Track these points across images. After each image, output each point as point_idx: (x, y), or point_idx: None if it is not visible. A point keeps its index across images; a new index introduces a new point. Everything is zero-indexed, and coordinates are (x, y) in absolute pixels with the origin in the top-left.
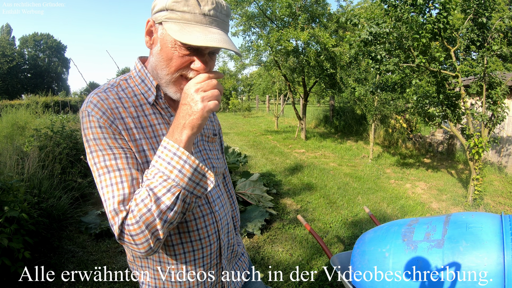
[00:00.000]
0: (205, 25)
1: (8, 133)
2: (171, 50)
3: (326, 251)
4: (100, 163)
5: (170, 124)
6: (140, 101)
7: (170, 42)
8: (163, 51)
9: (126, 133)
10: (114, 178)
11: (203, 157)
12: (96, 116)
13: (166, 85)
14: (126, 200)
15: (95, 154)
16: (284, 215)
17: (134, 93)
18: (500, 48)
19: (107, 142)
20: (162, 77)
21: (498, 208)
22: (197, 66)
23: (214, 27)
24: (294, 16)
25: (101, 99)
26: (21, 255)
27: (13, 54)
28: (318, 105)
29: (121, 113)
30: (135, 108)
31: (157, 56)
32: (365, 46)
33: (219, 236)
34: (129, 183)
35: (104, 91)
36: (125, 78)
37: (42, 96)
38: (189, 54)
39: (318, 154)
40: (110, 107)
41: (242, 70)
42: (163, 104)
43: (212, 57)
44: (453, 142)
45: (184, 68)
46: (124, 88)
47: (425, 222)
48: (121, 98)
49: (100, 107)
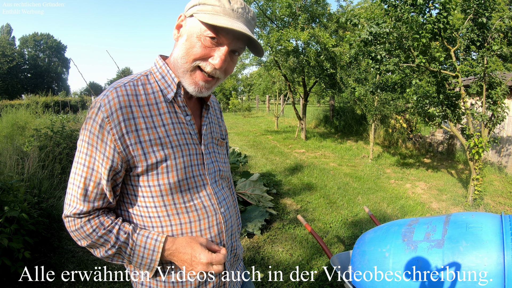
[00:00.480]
0: (233, 18)
1: (8, 133)
2: (196, 40)
3: (326, 251)
4: (82, 152)
5: (184, 123)
6: (156, 99)
7: (196, 33)
8: (188, 41)
9: (132, 135)
10: (82, 172)
11: (212, 159)
12: (104, 113)
13: (183, 75)
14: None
15: (83, 143)
16: (284, 215)
17: (152, 90)
18: (500, 48)
19: (97, 142)
20: (181, 65)
21: (498, 208)
22: (215, 61)
23: (240, 22)
24: (294, 16)
25: (118, 95)
26: (21, 255)
27: (13, 54)
28: (318, 105)
29: (134, 112)
30: (149, 106)
31: (181, 46)
32: (365, 46)
33: (222, 238)
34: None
35: (124, 85)
36: (145, 73)
37: (42, 96)
38: (212, 46)
39: (318, 154)
40: (124, 105)
41: (242, 70)
42: (181, 102)
43: (232, 58)
44: (453, 142)
45: (203, 59)
46: (144, 83)
47: (425, 222)
48: (138, 95)
49: (112, 105)
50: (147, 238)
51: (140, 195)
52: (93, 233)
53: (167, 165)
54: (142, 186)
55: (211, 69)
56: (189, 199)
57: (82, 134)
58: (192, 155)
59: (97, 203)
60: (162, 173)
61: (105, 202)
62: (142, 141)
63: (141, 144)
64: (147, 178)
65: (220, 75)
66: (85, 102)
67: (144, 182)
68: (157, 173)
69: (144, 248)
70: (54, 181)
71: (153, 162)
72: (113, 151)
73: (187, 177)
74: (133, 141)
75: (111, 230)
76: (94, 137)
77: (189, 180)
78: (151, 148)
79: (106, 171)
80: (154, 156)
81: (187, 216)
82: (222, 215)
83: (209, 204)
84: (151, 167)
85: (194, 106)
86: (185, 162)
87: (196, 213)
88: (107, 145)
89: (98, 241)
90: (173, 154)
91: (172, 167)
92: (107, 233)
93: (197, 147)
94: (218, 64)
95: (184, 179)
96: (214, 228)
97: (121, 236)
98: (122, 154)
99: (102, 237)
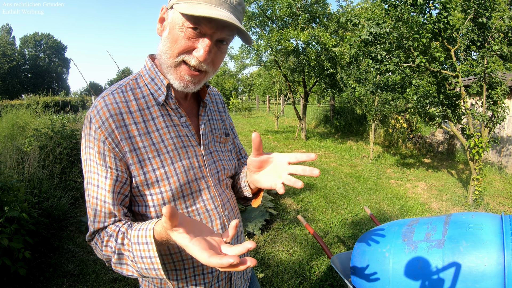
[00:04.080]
0: (214, 5)
1: (9, 133)
2: (178, 32)
3: (326, 251)
4: (87, 171)
5: (179, 126)
6: (147, 103)
7: (178, 24)
8: (170, 34)
9: (127, 142)
10: (93, 192)
11: (214, 158)
12: (95, 124)
13: (167, 70)
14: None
15: (87, 162)
16: (284, 215)
17: (142, 94)
18: (500, 48)
19: (95, 156)
20: (165, 61)
21: (498, 208)
22: (199, 54)
23: (223, 9)
24: (295, 16)
25: (106, 104)
26: (21, 255)
27: (14, 54)
28: (318, 105)
29: (125, 119)
30: (141, 112)
31: (164, 40)
32: (365, 46)
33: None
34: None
35: (112, 93)
36: (135, 77)
37: (42, 96)
38: (195, 37)
39: (318, 154)
40: (114, 113)
41: (242, 70)
42: (173, 104)
43: (220, 48)
44: (453, 142)
45: (187, 52)
46: (133, 88)
47: (425, 222)
48: (128, 101)
49: (102, 115)
50: (139, 230)
51: (142, 204)
52: (102, 245)
53: (165, 171)
54: (144, 195)
55: (196, 63)
56: (191, 203)
57: (83, 152)
58: (191, 158)
59: (108, 220)
60: (162, 180)
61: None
62: (136, 148)
63: (136, 152)
64: (148, 187)
65: (208, 67)
66: (86, 102)
67: (146, 191)
68: (157, 180)
69: (138, 244)
70: (54, 181)
71: (149, 169)
72: (114, 160)
73: (188, 181)
74: (127, 149)
75: (112, 234)
76: (92, 151)
77: (191, 184)
78: (146, 155)
79: (112, 183)
80: (150, 163)
81: None
82: (226, 217)
83: (212, 208)
84: (149, 175)
85: (190, 105)
86: (184, 166)
87: (199, 217)
88: (106, 156)
89: (108, 252)
90: (169, 159)
91: (171, 172)
92: (109, 239)
93: (196, 149)
94: (202, 57)
95: (186, 183)
96: (219, 232)
97: (119, 238)
98: (123, 160)
99: (107, 245)
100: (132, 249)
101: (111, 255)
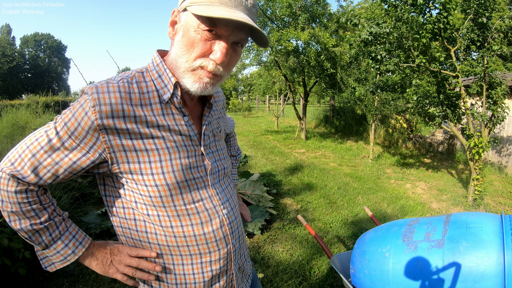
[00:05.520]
0: (230, 7)
1: (9, 133)
2: (194, 34)
3: (326, 251)
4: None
5: (182, 125)
6: (151, 99)
7: (193, 27)
8: (185, 37)
9: (116, 132)
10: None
11: (215, 158)
12: (91, 102)
13: (183, 74)
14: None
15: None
16: (284, 215)
17: (147, 89)
18: (500, 48)
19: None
20: (181, 65)
21: (498, 208)
22: (216, 56)
23: (239, 11)
24: (294, 16)
25: (108, 91)
26: (21, 255)
27: (14, 54)
28: (318, 105)
29: (124, 110)
30: (142, 107)
31: (179, 43)
32: (365, 46)
33: (228, 241)
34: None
35: (117, 82)
36: (141, 70)
37: (42, 96)
38: (212, 39)
39: (318, 154)
40: (115, 102)
41: (242, 70)
42: (178, 103)
43: (235, 50)
44: (453, 142)
45: (204, 57)
46: (138, 81)
47: (425, 222)
48: (131, 93)
49: (101, 98)
50: (79, 230)
51: (138, 192)
52: (26, 204)
53: (162, 165)
54: (139, 184)
55: (213, 67)
56: (190, 201)
57: (64, 113)
58: (190, 157)
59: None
60: (157, 173)
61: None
62: (133, 138)
63: (132, 141)
64: (142, 178)
65: (223, 72)
66: None
67: (140, 181)
68: (152, 173)
69: (73, 237)
70: None
71: (145, 160)
72: (92, 144)
73: (186, 179)
74: (119, 141)
75: (46, 208)
76: (74, 121)
77: (189, 182)
78: (143, 147)
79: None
80: (147, 155)
81: (188, 218)
82: (226, 216)
83: (211, 207)
84: (144, 165)
85: (195, 105)
86: (183, 164)
87: (198, 215)
88: (88, 134)
89: (28, 213)
90: (168, 155)
91: (168, 168)
92: (41, 210)
93: (196, 148)
94: (219, 59)
95: (184, 181)
96: (219, 231)
97: (64, 214)
98: (107, 150)
99: (35, 210)
100: (63, 234)
101: (29, 215)
